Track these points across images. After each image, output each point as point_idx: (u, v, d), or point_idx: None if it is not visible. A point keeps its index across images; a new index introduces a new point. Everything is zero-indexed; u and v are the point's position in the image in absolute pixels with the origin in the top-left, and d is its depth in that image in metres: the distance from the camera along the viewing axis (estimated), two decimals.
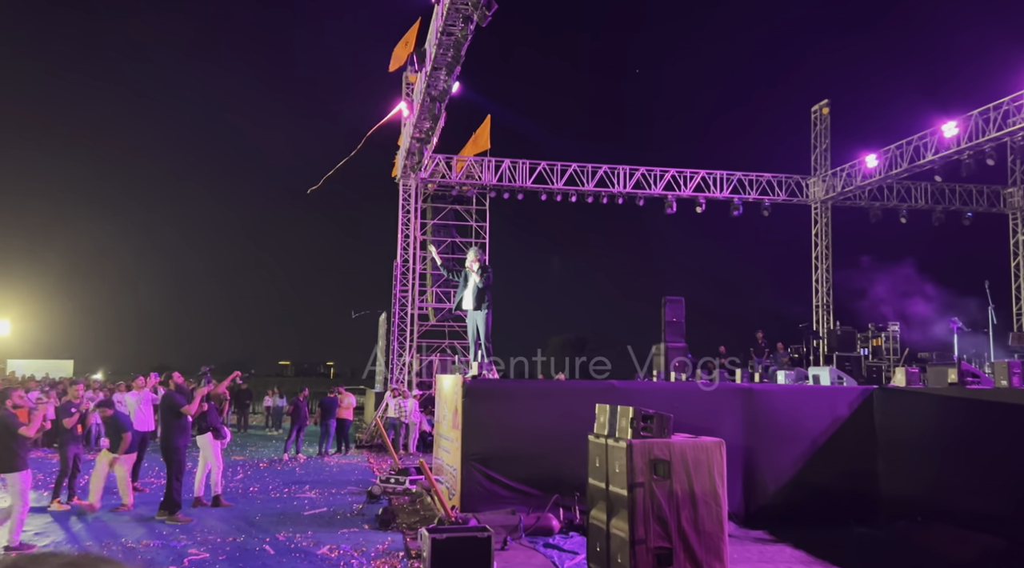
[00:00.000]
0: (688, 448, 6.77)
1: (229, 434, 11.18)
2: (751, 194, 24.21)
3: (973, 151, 18.62)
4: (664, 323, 17.19)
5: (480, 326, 10.43)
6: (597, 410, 7.63)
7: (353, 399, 18.89)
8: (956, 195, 24.80)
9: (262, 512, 9.98)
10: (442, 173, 22.98)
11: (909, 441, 9.60)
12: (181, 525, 9.02)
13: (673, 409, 7.69)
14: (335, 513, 10.03)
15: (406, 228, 22.95)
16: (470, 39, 14.01)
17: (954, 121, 18.81)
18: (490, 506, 9.03)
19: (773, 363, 16.98)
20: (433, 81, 16.19)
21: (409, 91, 21.63)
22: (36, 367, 29.74)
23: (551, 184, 22.96)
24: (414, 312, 22.75)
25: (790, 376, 12.55)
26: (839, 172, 24.24)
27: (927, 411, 9.38)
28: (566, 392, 10.27)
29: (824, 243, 25.45)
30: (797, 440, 9.99)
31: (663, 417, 6.91)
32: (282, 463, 15.47)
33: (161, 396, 10.07)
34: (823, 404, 10.24)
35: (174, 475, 9.51)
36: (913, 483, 9.40)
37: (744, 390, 10.34)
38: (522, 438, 9.36)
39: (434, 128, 18.65)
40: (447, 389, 11.25)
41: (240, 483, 12.31)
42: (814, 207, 25.48)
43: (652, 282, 67.86)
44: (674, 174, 23.65)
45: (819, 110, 25.50)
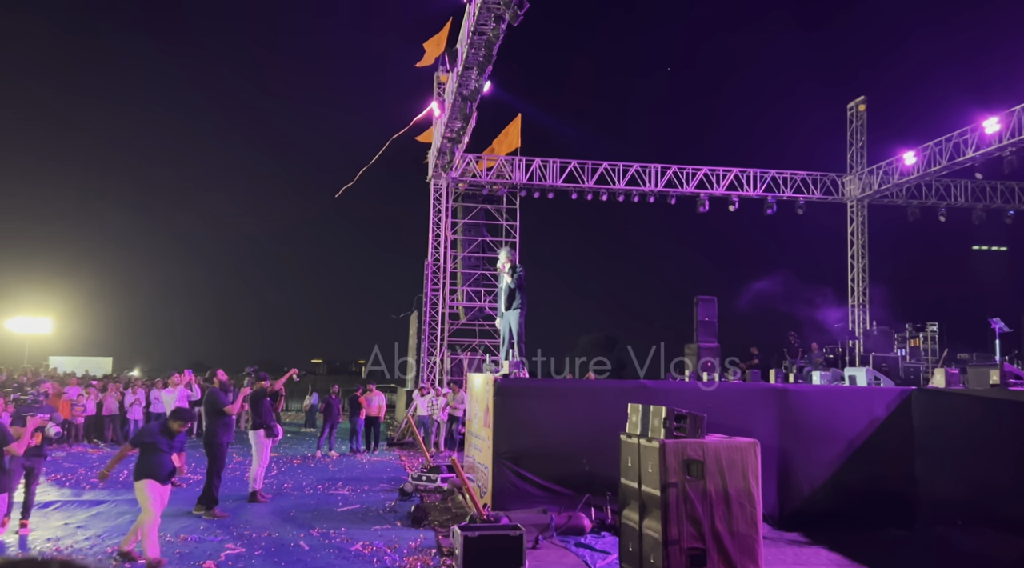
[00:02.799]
0: (722, 448, 6.71)
1: (281, 432, 11.39)
2: (785, 192, 23.92)
3: (1016, 148, 18.19)
4: (696, 323, 17.06)
5: (512, 325, 10.44)
6: (629, 410, 7.59)
7: (383, 398, 19.01)
8: (998, 193, 24.26)
9: (296, 508, 10.10)
10: (473, 172, 23.05)
11: (949, 443, 9.41)
12: (217, 520, 9.17)
13: (706, 409, 7.63)
14: (368, 510, 10.11)
15: (437, 227, 23.06)
16: (502, 38, 14.03)
17: (996, 117, 18.39)
18: (521, 505, 9.04)
19: (808, 364, 16.74)
20: (464, 81, 16.23)
21: (440, 91, 21.72)
22: (76, 364, 30.43)
23: (582, 183, 22.91)
24: (445, 311, 22.85)
25: (825, 377, 12.37)
26: (876, 170, 23.84)
27: (968, 413, 9.18)
28: (597, 391, 10.23)
29: (860, 242, 25.05)
30: (833, 441, 9.85)
31: (696, 417, 6.85)
32: (315, 460, 15.64)
33: (206, 393, 10.27)
34: (860, 405, 10.08)
35: (214, 471, 9.68)
36: (953, 486, 9.21)
37: (778, 390, 10.22)
38: (553, 437, 9.35)
39: (465, 128, 18.71)
40: (478, 388, 11.29)
41: (274, 479, 12.46)
42: (850, 205, 25.09)
43: (684, 281, 67.28)
44: (706, 172, 23.46)
45: (855, 107, 25.10)
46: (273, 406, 11.18)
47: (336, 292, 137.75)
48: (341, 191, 20.14)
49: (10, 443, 6.54)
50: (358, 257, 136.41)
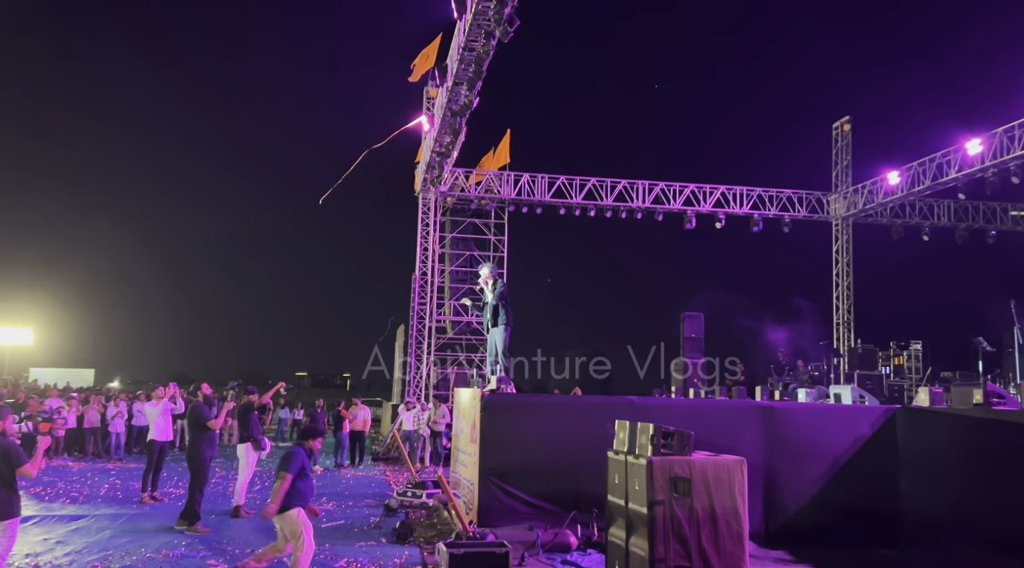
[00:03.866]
0: (709, 466, 6.72)
1: (269, 445, 11.30)
2: (771, 210, 24.11)
3: (997, 169, 18.44)
4: (683, 338, 17.11)
5: (498, 341, 10.43)
6: (617, 426, 7.59)
7: (368, 412, 18.90)
8: (980, 213, 24.57)
9: None
10: (461, 187, 23.09)
11: (933, 462, 9.46)
12: (200, 536, 9.06)
13: (692, 426, 7.64)
14: (352, 526, 10.02)
15: (425, 241, 23.05)
16: (492, 55, 14.11)
17: (978, 138, 18.66)
18: (507, 521, 8.99)
19: (793, 381, 16.81)
20: (454, 96, 16.29)
21: (430, 105, 21.79)
22: (58, 375, 30.10)
23: (570, 198, 23.00)
24: (431, 324, 22.80)
25: (811, 394, 12.45)
26: (861, 189, 24.09)
27: (952, 432, 9.24)
28: (584, 407, 10.22)
29: (845, 260, 25.26)
30: (818, 459, 9.88)
31: (684, 434, 6.86)
32: None
33: (189, 407, 10.20)
34: (845, 423, 10.12)
35: (196, 486, 9.58)
36: (937, 505, 9.26)
37: (764, 407, 10.25)
38: (540, 453, 9.32)
39: (455, 142, 18.76)
40: (465, 403, 11.25)
41: (258, 494, 12.32)
42: (835, 224, 25.32)
43: (671, 297, 67.49)
44: (693, 189, 23.61)
45: (840, 127, 25.39)
46: (261, 420, 11.11)
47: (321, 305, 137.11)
48: (324, 197, 20.13)
49: (24, 465, 5.96)
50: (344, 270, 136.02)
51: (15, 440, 6.29)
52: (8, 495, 5.89)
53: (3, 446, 5.95)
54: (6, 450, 5.92)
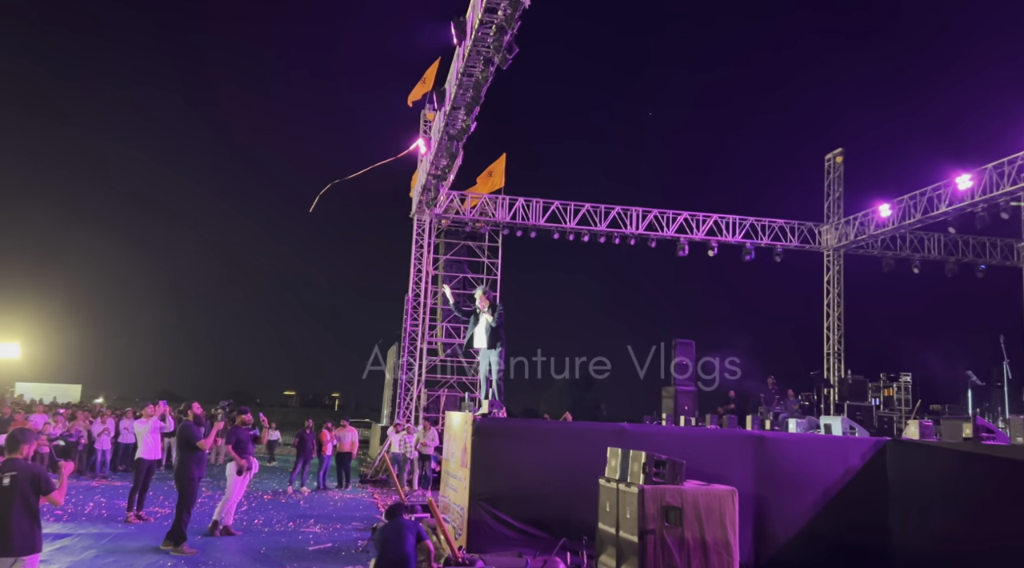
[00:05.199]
0: (700, 496, 6.73)
1: (256, 465, 11.24)
2: (763, 239, 24.27)
3: (987, 204, 18.66)
4: (674, 366, 17.14)
5: (493, 364, 10.42)
6: (609, 454, 7.60)
7: (356, 433, 18.78)
8: (970, 247, 24.81)
9: (267, 545, 9.90)
10: (456, 209, 23.19)
11: (922, 495, 9.47)
12: (186, 557, 8.96)
13: (683, 454, 7.65)
14: (340, 549, 9.93)
15: (419, 263, 23.08)
16: (491, 81, 14.24)
17: (968, 174, 18.89)
18: (497, 547, 8.93)
19: (784, 410, 16.83)
20: (452, 120, 16.42)
21: (427, 129, 21.94)
22: (44, 391, 29.84)
23: (564, 223, 23.11)
24: (423, 346, 22.76)
25: (802, 425, 12.45)
26: (852, 220, 24.31)
27: (941, 465, 9.26)
28: (576, 433, 10.21)
29: (836, 291, 25.41)
30: (808, 490, 9.87)
31: (676, 463, 6.87)
32: (286, 496, 15.36)
33: (179, 426, 10.12)
34: (835, 454, 10.13)
35: (184, 506, 9.49)
36: (925, 538, 9.25)
37: (756, 437, 10.25)
38: (531, 479, 9.29)
39: (451, 166, 18.87)
40: (456, 426, 11.21)
41: (244, 515, 12.22)
42: (826, 255, 25.50)
43: (663, 324, 67.65)
44: (687, 217, 23.77)
45: (833, 158, 25.67)
46: (257, 439, 11.10)
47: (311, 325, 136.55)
48: (313, 204, 20.12)
49: (52, 492, 5.41)
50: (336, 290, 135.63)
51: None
52: (31, 527, 5.29)
53: (31, 472, 5.39)
54: (35, 476, 5.36)
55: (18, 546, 5.15)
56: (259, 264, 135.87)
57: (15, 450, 5.41)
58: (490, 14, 12.85)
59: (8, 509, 5.16)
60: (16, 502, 5.19)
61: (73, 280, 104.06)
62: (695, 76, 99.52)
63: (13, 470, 5.29)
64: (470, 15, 13.78)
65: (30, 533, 5.23)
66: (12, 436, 5.52)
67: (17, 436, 5.51)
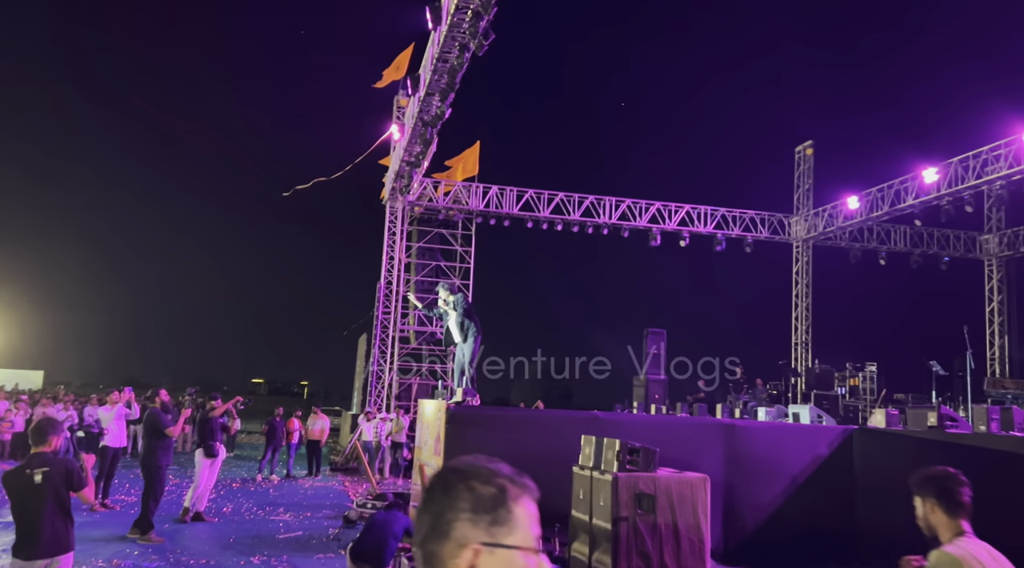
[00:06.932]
0: (673, 483, 6.78)
1: (223, 452, 11.13)
2: (734, 230, 24.48)
3: (952, 197, 19.00)
4: (645, 355, 17.24)
5: (466, 353, 10.40)
6: (583, 441, 7.62)
7: (327, 421, 18.66)
8: (934, 240, 25.26)
9: (236, 534, 9.80)
10: (429, 197, 23.03)
11: (887, 482, 9.64)
12: (154, 545, 8.83)
13: (655, 441, 7.69)
14: (310, 537, 9.87)
15: (391, 250, 22.91)
16: (466, 67, 14.13)
17: (934, 168, 19.20)
18: None
19: (752, 399, 17.05)
20: (426, 106, 16.27)
21: (400, 115, 21.73)
22: (6, 377, 29.17)
23: (537, 212, 23.08)
24: (395, 334, 22.64)
25: (771, 413, 12.61)
26: (821, 212, 24.61)
27: (906, 453, 9.45)
28: (549, 421, 10.23)
29: (804, 281, 25.74)
30: (777, 477, 10.01)
31: (649, 451, 6.91)
32: (255, 484, 15.22)
33: (146, 414, 9.92)
34: (804, 442, 10.29)
35: (152, 495, 9.34)
36: (890, 524, 9.43)
37: (726, 425, 10.36)
38: None
39: (425, 152, 18.72)
40: (429, 415, 11.17)
41: (213, 503, 12.08)
42: (795, 245, 25.80)
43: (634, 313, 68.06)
44: (659, 207, 23.87)
45: (803, 151, 25.93)
46: (226, 428, 10.97)
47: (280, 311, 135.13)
48: (291, 191, 19.96)
49: (83, 488, 5.03)
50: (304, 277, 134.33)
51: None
52: (65, 525, 4.90)
53: (64, 466, 4.95)
54: (68, 471, 4.93)
55: (53, 546, 4.81)
56: (228, 250, 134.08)
57: (43, 443, 4.93)
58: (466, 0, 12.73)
59: (41, 508, 4.77)
60: (49, 500, 4.80)
61: (34, 264, 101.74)
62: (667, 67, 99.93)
63: (44, 465, 4.85)
64: (445, 0, 13.64)
65: (64, 531, 4.89)
66: (39, 428, 4.98)
67: (45, 427, 4.98)
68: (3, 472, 4.99)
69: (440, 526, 1.28)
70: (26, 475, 4.79)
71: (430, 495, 1.33)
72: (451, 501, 1.29)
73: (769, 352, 25.45)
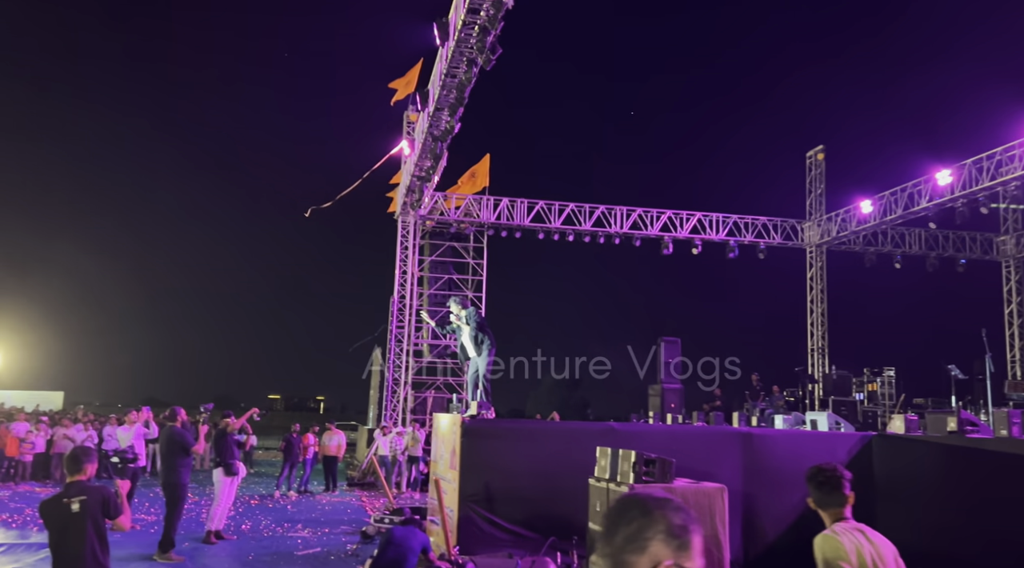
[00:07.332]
0: (690, 494, 6.74)
1: (243, 470, 11.14)
2: (747, 237, 24.40)
3: (967, 199, 18.87)
4: (661, 364, 17.17)
5: (480, 366, 10.42)
6: (598, 453, 7.60)
7: (343, 436, 18.69)
8: (950, 242, 25.06)
9: (255, 551, 9.83)
10: (441, 210, 23.13)
11: (907, 489, 9.55)
12: (174, 565, 8.87)
13: (672, 452, 7.67)
14: (329, 554, 9.88)
15: (404, 264, 23.01)
16: (474, 82, 14.22)
17: (948, 169, 19.09)
18: (487, 549, 8.91)
19: (769, 406, 16.94)
20: (435, 121, 16.38)
21: (410, 130, 21.87)
22: (26, 398, 29.44)
23: (549, 223, 23.11)
24: (409, 348, 22.69)
25: (788, 421, 12.54)
26: (834, 217, 24.50)
27: (927, 459, 9.35)
28: (565, 433, 10.21)
29: (819, 287, 25.59)
30: (796, 486, 9.89)
31: (665, 462, 6.89)
32: (273, 500, 15.27)
33: (167, 432, 9.86)
34: (823, 450, 10.19)
35: (176, 513, 9.36)
36: (913, 532, 9.33)
37: (743, 434, 10.30)
38: (520, 480, 9.28)
39: (435, 167, 18.82)
40: (444, 428, 11.18)
41: (232, 520, 12.12)
42: (809, 251, 25.67)
43: (648, 322, 67.91)
44: (671, 215, 23.85)
45: (814, 156, 25.85)
46: (242, 445, 10.98)
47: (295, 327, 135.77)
48: (310, 210, 20.15)
49: (120, 516, 4.96)
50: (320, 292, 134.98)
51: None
52: (104, 553, 4.85)
53: (100, 494, 4.91)
54: (104, 499, 4.88)
55: None
56: (242, 268, 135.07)
57: (78, 471, 4.94)
58: (473, 15, 12.83)
59: (82, 536, 4.76)
60: (89, 528, 4.79)
61: (53, 287, 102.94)
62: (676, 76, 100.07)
63: (82, 494, 4.84)
64: (453, 16, 13.75)
65: (104, 560, 4.86)
66: (74, 457, 5.00)
67: (79, 456, 5.00)
68: (40, 501, 5.01)
69: (638, 541, 1.55)
70: (64, 504, 4.80)
71: (627, 513, 1.60)
72: (651, 522, 1.56)
73: (785, 359, 25.31)
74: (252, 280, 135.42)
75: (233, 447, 10.80)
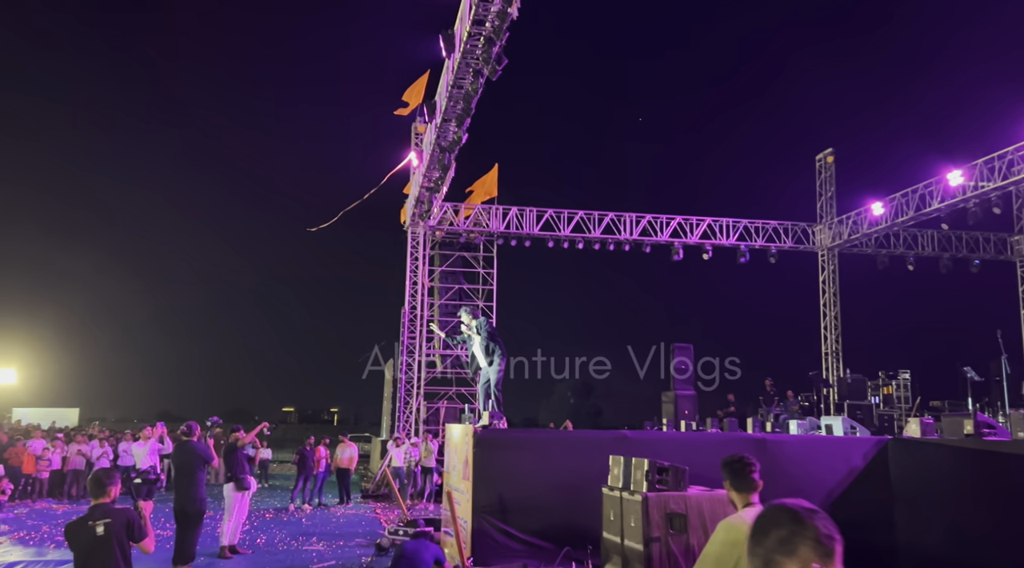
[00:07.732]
0: (704, 501, 6.70)
1: (255, 484, 11.11)
2: (758, 241, 24.30)
3: (979, 199, 18.73)
4: (673, 370, 17.10)
5: (491, 376, 10.41)
6: (611, 462, 7.57)
7: (355, 449, 18.68)
8: (963, 242, 24.86)
9: (270, 565, 9.84)
10: (450, 221, 23.18)
11: (925, 492, 9.46)
12: None
13: (685, 459, 7.62)
14: (343, 567, 9.87)
15: (414, 275, 23.05)
16: (480, 92, 14.27)
17: (959, 170, 18.95)
18: (501, 559, 8.88)
19: (783, 411, 16.82)
20: (443, 132, 16.43)
21: (418, 141, 21.95)
22: (41, 415, 29.60)
23: (558, 231, 23.11)
24: (421, 359, 22.70)
25: (802, 425, 12.44)
26: (845, 220, 24.36)
27: (943, 462, 9.26)
28: (577, 442, 10.17)
29: (832, 290, 25.44)
30: (812, 491, 9.83)
31: (678, 470, 6.85)
32: (288, 513, 15.28)
33: (187, 446, 9.72)
34: (838, 455, 10.12)
35: (195, 528, 9.35)
36: (930, 534, 9.24)
37: (757, 440, 10.24)
38: (533, 489, 9.25)
39: (444, 177, 18.87)
40: (457, 439, 11.16)
41: (247, 534, 12.13)
42: (821, 254, 25.54)
43: (660, 328, 67.70)
44: (680, 221, 23.79)
45: (824, 159, 25.75)
46: (251, 459, 10.97)
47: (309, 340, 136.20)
48: (318, 227, 20.26)
49: (144, 539, 4.92)
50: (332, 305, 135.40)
51: None
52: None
53: (125, 517, 4.86)
54: (128, 522, 4.85)
55: None
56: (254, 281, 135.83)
57: (103, 494, 4.90)
58: (478, 26, 12.88)
59: (108, 560, 4.75)
60: (115, 551, 4.77)
61: (67, 304, 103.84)
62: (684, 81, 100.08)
63: (106, 517, 4.81)
64: (458, 27, 13.81)
65: None
66: (97, 479, 4.96)
67: (102, 478, 4.97)
68: (65, 525, 5.01)
69: (790, 545, 1.73)
70: (88, 527, 4.77)
71: (778, 519, 1.79)
72: (802, 529, 1.75)
73: (799, 363, 25.13)
74: (266, 293, 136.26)
75: (243, 461, 10.81)
